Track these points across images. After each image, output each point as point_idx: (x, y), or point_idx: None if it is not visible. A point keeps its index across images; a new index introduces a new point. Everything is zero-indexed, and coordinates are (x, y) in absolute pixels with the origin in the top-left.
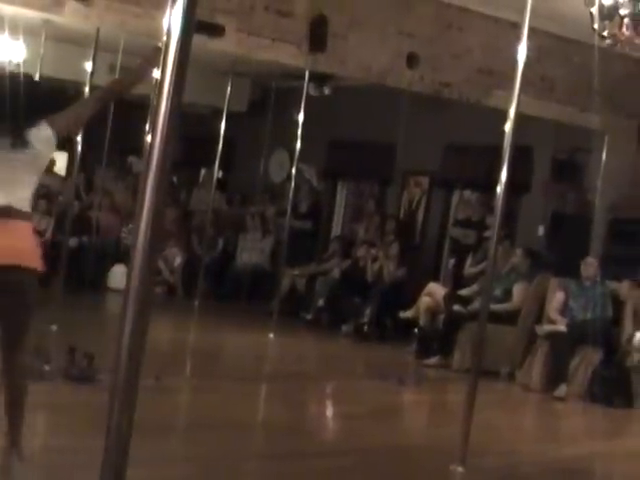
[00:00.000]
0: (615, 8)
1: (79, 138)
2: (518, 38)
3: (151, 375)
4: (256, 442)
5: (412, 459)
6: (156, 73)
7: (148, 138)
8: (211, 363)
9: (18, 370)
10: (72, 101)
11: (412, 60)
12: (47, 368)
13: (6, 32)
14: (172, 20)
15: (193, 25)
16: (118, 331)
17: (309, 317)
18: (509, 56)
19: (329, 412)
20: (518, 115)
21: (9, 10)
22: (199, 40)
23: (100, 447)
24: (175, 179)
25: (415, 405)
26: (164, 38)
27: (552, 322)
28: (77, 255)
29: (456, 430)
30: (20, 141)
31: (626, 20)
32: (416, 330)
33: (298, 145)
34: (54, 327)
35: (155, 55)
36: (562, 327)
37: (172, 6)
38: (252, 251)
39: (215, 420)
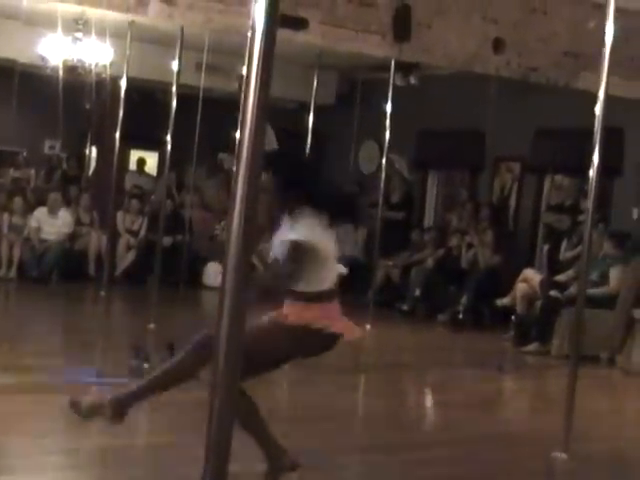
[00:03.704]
0: None
1: (168, 137)
2: (603, 19)
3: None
4: (356, 434)
5: (514, 447)
6: (243, 69)
7: (237, 134)
8: None
9: None
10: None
11: (498, 45)
12: (147, 366)
13: (93, 35)
14: (256, 14)
15: (277, 18)
16: (215, 328)
17: (405, 307)
18: (595, 38)
19: (429, 402)
20: (608, 97)
21: (95, 13)
22: (284, 34)
23: (203, 442)
24: None
25: (515, 392)
26: (249, 33)
27: None
28: (172, 254)
29: (557, 417)
30: None
31: None
32: (513, 317)
33: (387, 136)
34: (152, 326)
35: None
36: None
37: (255, 0)
38: (345, 243)
39: (314, 413)
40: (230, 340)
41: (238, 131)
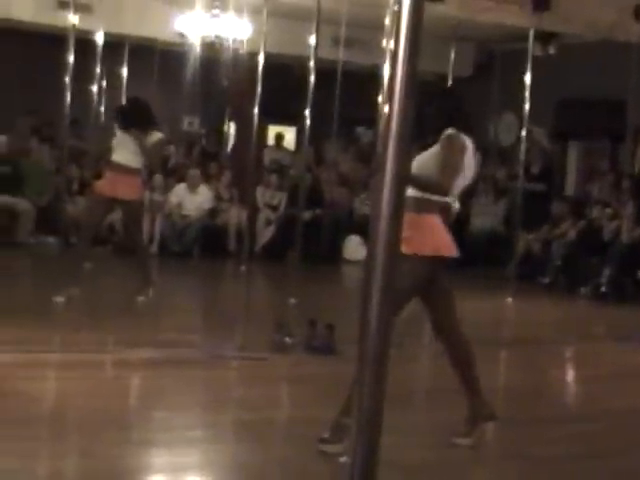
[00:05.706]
0: None
1: (307, 112)
2: None
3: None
4: (498, 408)
5: None
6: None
7: (385, 108)
8: None
9: None
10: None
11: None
12: (289, 341)
13: (231, 11)
14: None
15: None
16: (362, 302)
17: (546, 280)
18: None
19: (571, 376)
20: None
21: None
22: None
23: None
24: None
25: None
26: (395, 7)
27: None
28: (311, 228)
29: None
30: None
31: None
32: None
33: (527, 107)
34: (293, 300)
35: None
36: None
37: None
38: (485, 215)
39: (454, 386)
40: (380, 315)
41: (385, 105)
